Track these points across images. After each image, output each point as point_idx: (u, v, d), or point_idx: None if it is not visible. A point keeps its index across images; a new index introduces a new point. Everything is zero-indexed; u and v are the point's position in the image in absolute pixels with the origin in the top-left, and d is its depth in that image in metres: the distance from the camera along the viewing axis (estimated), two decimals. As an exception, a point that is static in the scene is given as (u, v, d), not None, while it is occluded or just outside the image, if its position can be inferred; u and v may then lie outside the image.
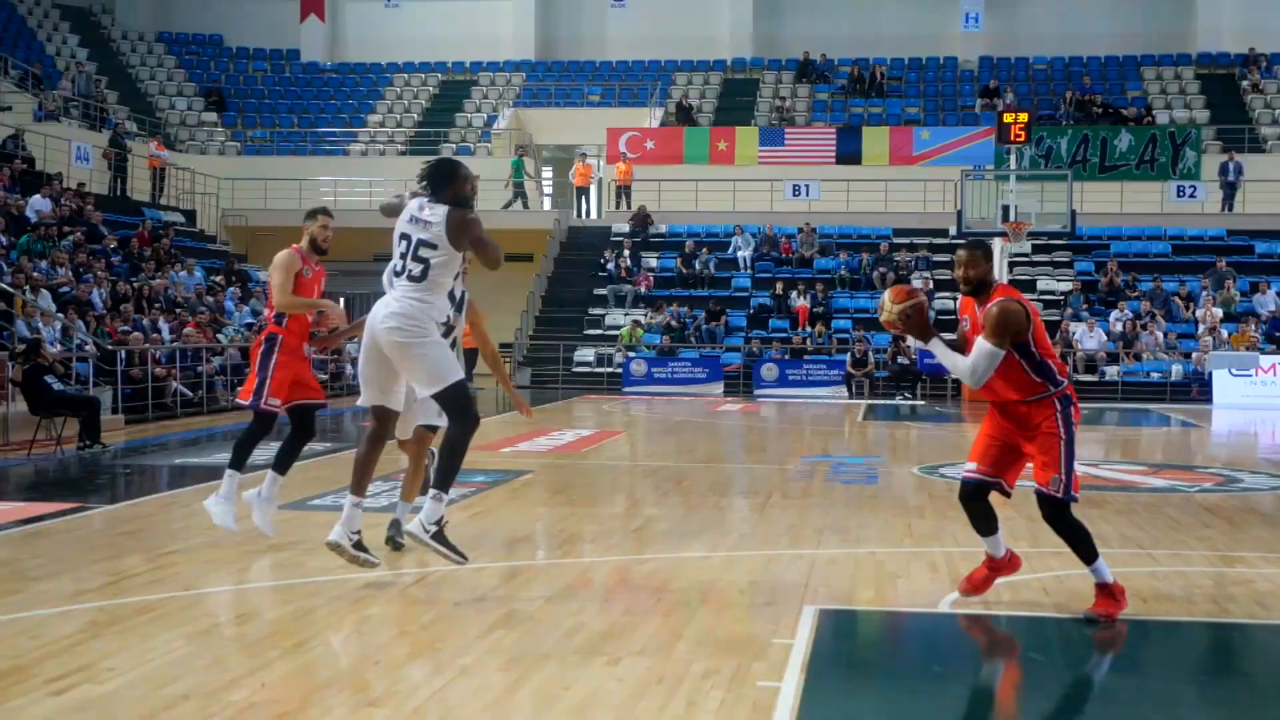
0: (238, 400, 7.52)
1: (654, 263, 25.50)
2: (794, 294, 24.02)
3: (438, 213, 5.30)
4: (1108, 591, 5.12)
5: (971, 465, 5.27)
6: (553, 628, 5.11)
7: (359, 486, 5.64)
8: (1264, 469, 12.54)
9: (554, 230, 26.48)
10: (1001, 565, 5.34)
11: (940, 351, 5.15)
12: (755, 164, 27.07)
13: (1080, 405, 5.55)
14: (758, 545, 7.42)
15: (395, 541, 6.33)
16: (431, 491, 5.52)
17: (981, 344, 4.86)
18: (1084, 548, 5.07)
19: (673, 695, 4.26)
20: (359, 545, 5.54)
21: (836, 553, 7.42)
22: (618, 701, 4.13)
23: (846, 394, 22.03)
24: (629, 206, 27.03)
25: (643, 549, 7.10)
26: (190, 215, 25.54)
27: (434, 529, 5.46)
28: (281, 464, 6.48)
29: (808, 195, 27.17)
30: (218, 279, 20.79)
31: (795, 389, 22.10)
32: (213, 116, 30.39)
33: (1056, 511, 5.11)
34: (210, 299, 19.14)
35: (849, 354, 22.20)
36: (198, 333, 16.97)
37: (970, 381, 4.99)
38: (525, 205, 26.63)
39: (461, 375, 5.61)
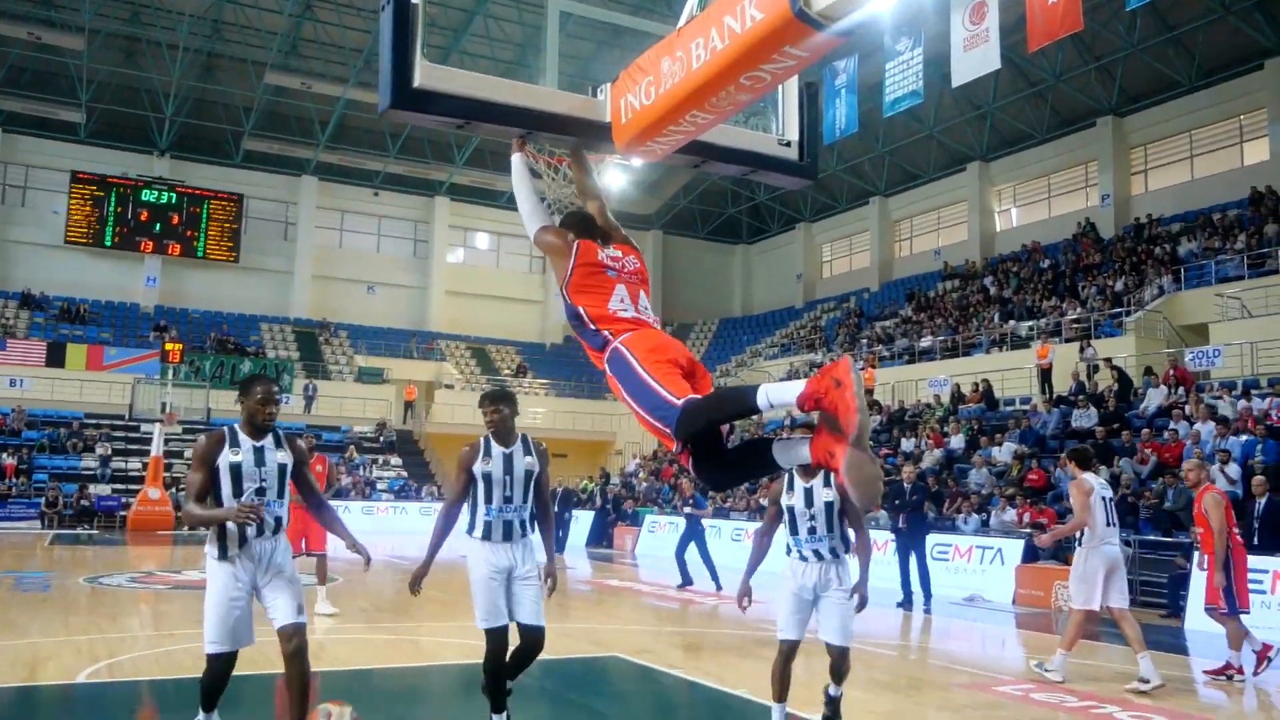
0: None
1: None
2: (4, 455, 28.52)
3: None
4: None
5: None
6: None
7: None
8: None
9: None
10: None
11: None
12: (-20, 363, 31.90)
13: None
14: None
15: None
16: None
17: None
18: None
19: None
20: None
21: (4, 644, 7.66)
22: None
23: (40, 526, 25.92)
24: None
25: None
26: None
27: None
28: None
29: (22, 387, 32.18)
30: None
31: (1, 522, 25.24)
32: None
33: None
34: None
35: (44, 498, 27.25)
36: None
37: None
38: None
39: None
